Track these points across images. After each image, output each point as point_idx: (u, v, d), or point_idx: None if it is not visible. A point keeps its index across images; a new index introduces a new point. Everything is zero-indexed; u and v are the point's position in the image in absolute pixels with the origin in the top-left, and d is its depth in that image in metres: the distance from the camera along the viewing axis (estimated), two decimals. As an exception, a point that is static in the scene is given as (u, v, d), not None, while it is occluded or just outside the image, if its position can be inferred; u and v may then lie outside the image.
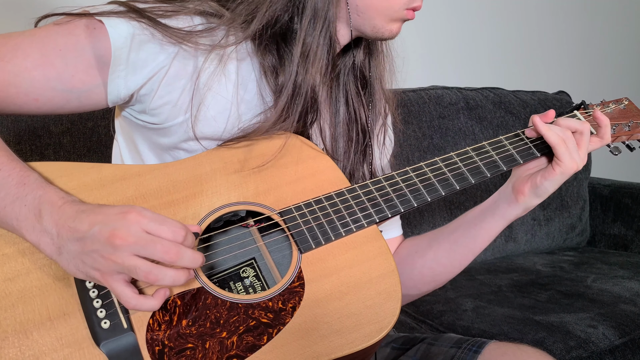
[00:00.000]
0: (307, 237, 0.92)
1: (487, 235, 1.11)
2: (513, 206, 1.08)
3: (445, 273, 1.15)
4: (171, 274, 0.76)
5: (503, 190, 1.10)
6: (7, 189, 0.80)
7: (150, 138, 1.00)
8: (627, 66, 3.14)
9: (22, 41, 0.87)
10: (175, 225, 0.77)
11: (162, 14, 0.92)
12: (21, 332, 0.78)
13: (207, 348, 0.81)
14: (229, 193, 0.93)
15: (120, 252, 0.74)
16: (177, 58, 0.93)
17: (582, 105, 1.14)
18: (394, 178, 1.01)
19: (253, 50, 1.00)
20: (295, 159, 0.99)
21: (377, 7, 0.99)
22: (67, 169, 0.89)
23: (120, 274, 0.76)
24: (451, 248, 1.13)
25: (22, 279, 0.82)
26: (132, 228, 0.75)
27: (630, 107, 1.17)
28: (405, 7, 1.00)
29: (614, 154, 1.13)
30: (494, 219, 1.10)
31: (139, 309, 0.78)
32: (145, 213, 0.76)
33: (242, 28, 0.98)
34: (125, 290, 0.77)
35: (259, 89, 1.00)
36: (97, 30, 0.88)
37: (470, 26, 2.60)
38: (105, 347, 0.78)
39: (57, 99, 0.90)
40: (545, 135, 1.03)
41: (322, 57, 0.98)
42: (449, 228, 1.15)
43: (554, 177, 1.03)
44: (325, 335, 0.85)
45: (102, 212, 0.77)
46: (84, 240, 0.75)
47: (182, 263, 0.76)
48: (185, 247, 0.77)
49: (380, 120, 1.14)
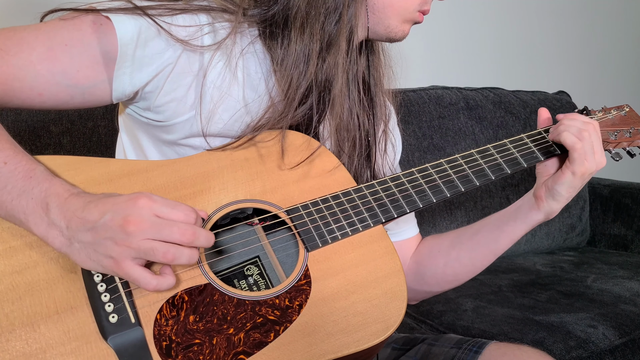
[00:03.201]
0: (314, 235, 0.93)
1: (509, 239, 1.13)
2: (534, 212, 1.09)
3: (467, 272, 1.18)
4: (187, 252, 0.78)
5: (527, 196, 1.12)
6: (14, 182, 0.80)
7: (154, 135, 1.00)
8: (627, 66, 3.15)
9: (27, 35, 0.87)
10: (186, 207, 0.79)
11: (169, 12, 0.92)
12: (28, 324, 0.78)
13: (214, 344, 0.82)
14: (236, 190, 0.94)
15: (134, 237, 0.75)
16: (183, 55, 0.93)
17: (585, 111, 1.16)
18: (399, 179, 1.02)
19: (261, 48, 1.00)
20: (302, 158, 0.99)
21: (394, 7, 1.01)
22: (74, 163, 0.89)
23: (135, 259, 0.77)
24: (473, 249, 1.15)
25: (30, 271, 0.82)
26: (144, 213, 0.76)
27: (631, 114, 1.19)
28: (418, 9, 1.03)
29: (615, 159, 1.15)
30: (516, 224, 1.11)
31: (159, 288, 0.79)
32: (155, 198, 0.78)
33: (250, 18, 0.98)
34: (143, 273, 0.78)
35: (267, 86, 1.00)
36: (104, 26, 0.88)
37: (470, 26, 2.60)
38: (112, 341, 0.79)
39: (61, 94, 0.90)
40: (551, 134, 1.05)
41: (341, 50, 0.99)
42: (472, 229, 1.17)
43: (563, 179, 1.03)
44: (331, 334, 0.85)
45: (111, 201, 0.78)
46: (95, 230, 0.76)
47: (198, 243, 0.78)
48: (199, 227, 0.79)
49: (382, 125, 1.15)
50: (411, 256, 1.23)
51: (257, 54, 1.00)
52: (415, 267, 1.21)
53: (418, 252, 1.22)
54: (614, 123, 1.16)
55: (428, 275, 1.19)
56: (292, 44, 0.97)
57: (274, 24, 0.99)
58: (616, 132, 1.15)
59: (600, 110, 1.18)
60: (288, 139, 0.99)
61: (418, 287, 1.23)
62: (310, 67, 0.98)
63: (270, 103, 1.00)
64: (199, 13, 0.96)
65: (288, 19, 0.97)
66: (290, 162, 0.98)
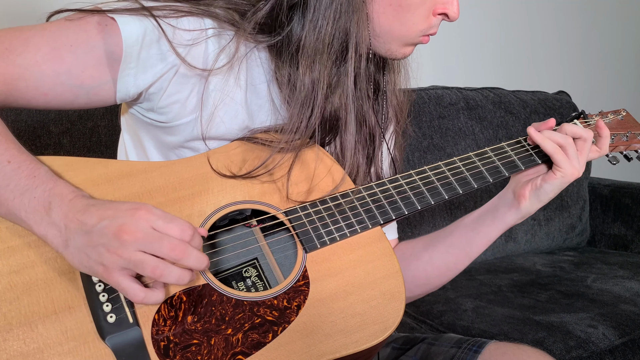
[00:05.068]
0: (313, 236, 0.93)
1: (484, 240, 1.11)
2: (513, 211, 1.08)
3: (440, 276, 1.15)
4: (177, 271, 0.76)
5: (503, 195, 1.11)
6: (17, 180, 0.80)
7: (156, 136, 1.00)
8: (627, 66, 3.14)
9: (33, 35, 0.87)
10: (183, 224, 0.77)
11: (174, 13, 0.92)
12: (26, 324, 0.78)
13: (213, 344, 0.82)
14: (234, 191, 0.94)
15: (126, 247, 0.74)
16: (187, 57, 0.93)
17: (582, 115, 1.16)
18: (398, 181, 1.02)
19: (266, 56, 1.00)
20: (300, 159, 0.99)
21: (395, 34, 0.99)
22: (73, 164, 0.89)
23: (124, 269, 0.76)
24: (447, 251, 1.13)
25: (28, 271, 0.82)
26: (140, 224, 0.75)
27: (628, 119, 1.20)
28: (422, 34, 1.00)
29: (612, 163, 1.16)
30: (492, 224, 1.10)
31: (146, 302, 0.78)
32: (154, 210, 0.77)
33: (254, 39, 0.97)
34: (132, 284, 0.77)
35: (269, 92, 1.00)
36: (109, 27, 0.88)
37: (470, 26, 2.60)
38: (110, 341, 0.79)
39: (66, 94, 0.90)
40: (541, 145, 1.04)
41: (338, 84, 0.98)
42: (446, 231, 1.15)
43: (554, 180, 1.04)
44: (329, 334, 0.85)
45: (112, 207, 0.77)
46: (91, 234, 0.76)
47: (188, 262, 0.76)
48: (192, 246, 0.77)
49: (392, 127, 1.14)
50: None
51: (261, 59, 1.00)
52: None
53: None
54: (611, 127, 1.16)
55: None
56: (299, 78, 0.96)
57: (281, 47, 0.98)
58: (613, 136, 1.16)
59: (597, 114, 1.18)
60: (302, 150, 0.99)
61: None
62: (318, 101, 0.96)
63: (274, 110, 1.00)
64: (204, 17, 0.95)
65: (297, 48, 0.96)
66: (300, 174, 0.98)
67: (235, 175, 0.95)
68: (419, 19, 0.98)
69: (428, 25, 0.99)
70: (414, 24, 0.98)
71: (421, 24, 0.98)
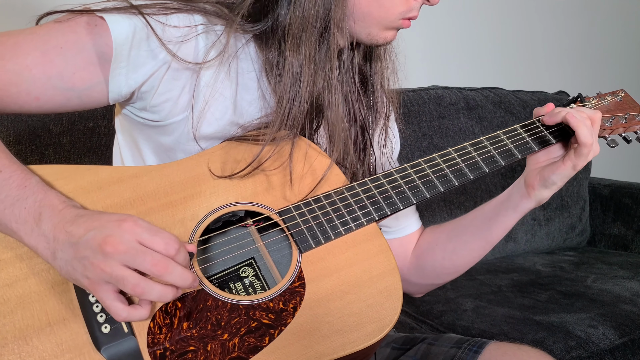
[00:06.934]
0: (307, 236, 0.92)
1: (502, 228, 1.13)
2: (525, 199, 1.09)
3: (465, 263, 1.19)
4: (158, 288, 0.75)
5: (517, 184, 1.12)
6: (8, 190, 0.79)
7: (150, 136, 1.00)
8: (627, 66, 3.14)
9: (22, 39, 0.87)
10: (169, 238, 0.76)
11: (163, 10, 0.92)
12: (21, 338, 0.78)
13: (209, 350, 0.81)
14: (227, 193, 0.93)
15: (109, 260, 0.73)
16: (177, 54, 0.92)
17: (579, 98, 1.14)
18: (392, 175, 1.01)
19: (255, 50, 1.00)
20: (293, 158, 0.98)
21: (374, 16, 0.98)
22: (63, 172, 0.88)
23: (108, 284, 0.75)
24: (469, 240, 1.16)
25: (21, 284, 0.81)
26: (125, 236, 0.74)
27: (627, 99, 1.17)
28: (402, 17, 1.00)
29: (610, 146, 1.13)
30: (507, 212, 1.12)
31: (129, 319, 0.77)
32: (140, 223, 0.75)
33: (243, 29, 0.97)
34: (114, 302, 0.75)
35: (260, 89, 1.00)
36: (99, 27, 0.88)
37: (470, 26, 2.60)
38: (106, 351, 0.78)
39: (58, 98, 0.89)
40: (565, 118, 1.03)
41: (323, 65, 0.97)
42: (466, 220, 1.18)
43: (563, 170, 1.03)
44: (327, 335, 0.85)
45: (100, 219, 0.76)
46: (77, 246, 0.75)
47: (170, 279, 0.75)
48: (175, 262, 0.76)
49: (382, 121, 1.14)
50: (412, 250, 1.23)
51: (250, 54, 1.00)
52: (416, 262, 1.22)
53: (418, 246, 1.23)
54: (609, 109, 1.14)
55: (428, 268, 1.20)
56: (287, 59, 0.96)
57: (269, 34, 0.98)
58: (611, 119, 1.13)
59: (595, 96, 1.16)
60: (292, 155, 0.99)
61: (420, 281, 1.23)
62: (304, 83, 0.96)
63: (265, 106, 1.00)
64: (194, 13, 0.95)
65: (283, 32, 0.96)
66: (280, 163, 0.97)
67: (231, 175, 0.94)
68: (397, 0, 0.98)
69: (407, 8, 0.99)
70: (393, 5, 0.98)
71: (400, 5, 0.98)
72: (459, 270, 1.20)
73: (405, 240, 1.23)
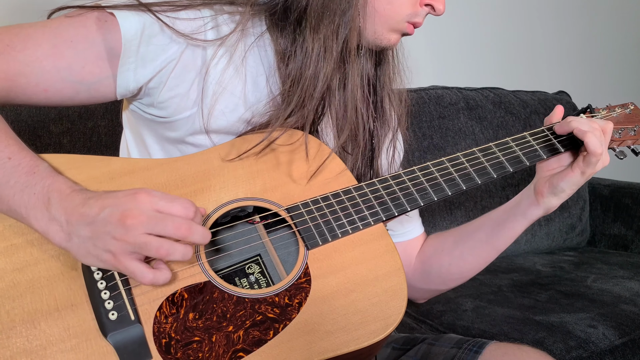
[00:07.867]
0: (314, 233, 0.93)
1: (510, 234, 1.13)
2: (534, 207, 1.09)
3: (472, 269, 1.19)
4: (181, 248, 0.77)
5: (526, 191, 1.12)
6: (17, 177, 0.80)
7: (157, 132, 1.00)
8: (628, 66, 3.14)
9: (34, 32, 0.88)
10: (185, 201, 0.79)
11: (172, 8, 0.93)
12: (29, 321, 0.79)
13: (214, 341, 0.82)
14: (236, 188, 0.94)
15: (132, 231, 0.75)
16: (186, 51, 0.94)
17: (589, 109, 1.15)
18: (400, 177, 1.02)
19: (268, 41, 1.00)
20: (303, 156, 0.99)
21: (381, 14, 0.99)
22: (76, 162, 0.90)
23: (133, 254, 0.77)
24: (476, 246, 1.16)
25: (31, 269, 0.82)
26: (142, 207, 0.76)
27: (636, 112, 1.19)
28: (407, 20, 1.01)
29: (619, 157, 1.14)
30: (516, 219, 1.12)
31: (156, 282, 0.79)
32: (153, 192, 0.78)
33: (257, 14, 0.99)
34: (140, 266, 0.78)
35: (268, 83, 1.01)
36: (109, 22, 0.89)
37: (470, 26, 2.60)
38: (112, 338, 0.79)
39: (66, 90, 0.90)
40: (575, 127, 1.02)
41: (351, 55, 0.99)
42: (473, 226, 1.18)
43: (571, 177, 1.03)
44: (331, 332, 0.85)
45: (111, 196, 0.78)
46: (94, 224, 0.76)
47: (193, 239, 0.78)
48: (195, 223, 0.78)
49: (390, 133, 1.14)
50: (416, 255, 1.23)
51: (261, 49, 1.01)
52: (421, 267, 1.22)
53: (423, 251, 1.22)
54: (618, 121, 1.15)
55: (434, 274, 1.20)
56: (305, 43, 0.97)
57: (284, 19, 0.99)
58: (620, 130, 1.14)
59: (605, 108, 1.17)
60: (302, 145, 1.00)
61: (425, 286, 1.23)
62: (325, 68, 0.97)
63: (272, 100, 1.00)
64: (202, 8, 0.96)
65: (300, 16, 0.97)
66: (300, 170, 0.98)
67: (242, 154, 0.96)
68: (406, 2, 0.99)
69: (414, 12, 1.00)
70: (401, 5, 0.99)
71: (408, 7, 0.99)
72: (464, 276, 1.20)
73: (408, 244, 1.23)
